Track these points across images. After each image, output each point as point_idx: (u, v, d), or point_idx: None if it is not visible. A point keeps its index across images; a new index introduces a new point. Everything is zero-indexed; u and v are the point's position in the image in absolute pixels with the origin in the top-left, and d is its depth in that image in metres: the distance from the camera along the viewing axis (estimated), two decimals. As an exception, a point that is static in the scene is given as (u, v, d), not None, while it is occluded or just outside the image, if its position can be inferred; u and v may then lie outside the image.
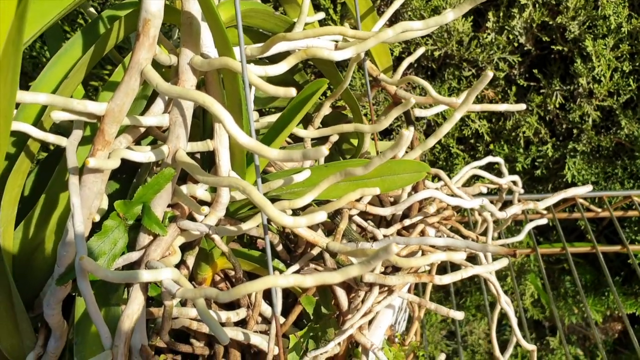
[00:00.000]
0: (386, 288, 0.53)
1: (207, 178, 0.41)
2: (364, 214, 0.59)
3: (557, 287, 1.31)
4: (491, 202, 0.66)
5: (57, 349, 0.46)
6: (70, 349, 0.47)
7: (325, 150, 0.35)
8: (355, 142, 0.68)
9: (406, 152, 0.55)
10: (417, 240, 0.47)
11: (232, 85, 0.42)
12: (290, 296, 0.61)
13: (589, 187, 0.58)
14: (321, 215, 0.39)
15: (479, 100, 1.03)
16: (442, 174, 0.61)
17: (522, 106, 0.59)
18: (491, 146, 1.07)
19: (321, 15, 0.62)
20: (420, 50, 0.63)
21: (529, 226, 0.66)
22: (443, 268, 0.93)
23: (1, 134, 0.33)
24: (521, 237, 0.63)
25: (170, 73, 0.45)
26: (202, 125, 0.51)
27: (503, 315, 1.36)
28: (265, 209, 0.37)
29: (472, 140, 1.07)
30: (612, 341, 1.39)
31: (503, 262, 0.51)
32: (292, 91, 0.38)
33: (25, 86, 0.43)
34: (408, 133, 0.38)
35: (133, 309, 0.39)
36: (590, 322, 0.83)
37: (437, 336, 1.44)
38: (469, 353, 1.43)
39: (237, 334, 0.51)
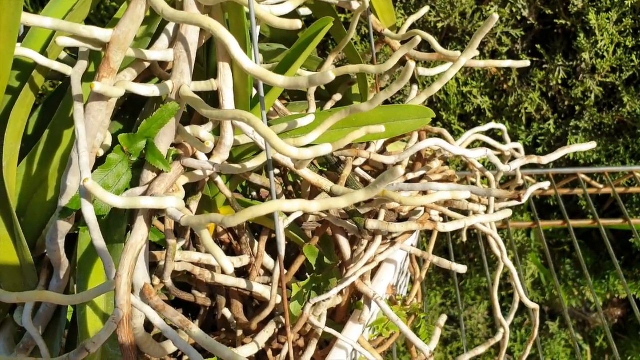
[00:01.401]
0: (389, 239, 0.53)
1: (212, 111, 0.40)
2: (367, 173, 0.59)
3: (557, 270, 1.31)
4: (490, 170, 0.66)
5: (59, 288, 0.45)
6: (72, 289, 0.47)
7: (332, 74, 0.35)
8: (358, 103, 0.68)
9: (411, 99, 0.55)
10: (421, 186, 0.47)
11: (237, 20, 0.42)
12: (293, 251, 0.60)
13: (592, 144, 0.58)
14: (326, 147, 0.39)
15: (482, 76, 1.02)
16: (445, 132, 0.61)
17: (527, 62, 0.59)
18: (493, 123, 1.06)
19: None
20: (425, 9, 0.63)
21: (531, 189, 0.65)
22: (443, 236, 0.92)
23: (7, 50, 0.33)
24: (525, 198, 0.63)
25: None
26: (206, 71, 0.51)
27: (502, 299, 1.36)
28: (271, 139, 0.37)
29: (473, 117, 1.07)
30: (611, 326, 1.39)
31: (507, 213, 0.51)
32: (297, 23, 0.38)
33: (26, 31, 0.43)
34: (413, 63, 0.38)
35: (137, 239, 0.39)
36: (596, 300, 0.82)
37: (437, 319, 1.44)
38: (468, 337, 1.43)
39: (239, 282, 0.51)
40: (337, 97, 0.63)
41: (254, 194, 0.63)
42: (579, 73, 0.99)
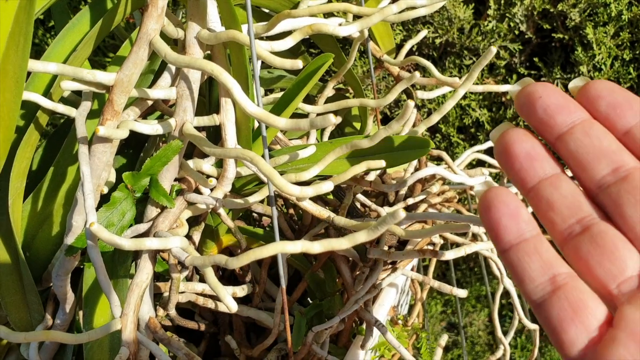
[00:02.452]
0: (390, 265, 0.54)
1: (215, 149, 0.41)
2: (367, 197, 0.60)
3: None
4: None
5: (65, 321, 0.46)
6: (78, 322, 0.48)
7: (332, 117, 0.36)
8: (358, 125, 0.69)
9: (410, 129, 0.56)
10: (422, 215, 0.48)
11: (239, 58, 0.43)
12: (296, 276, 0.61)
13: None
14: (327, 185, 0.40)
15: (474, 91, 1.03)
16: (445, 155, 0.61)
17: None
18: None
19: (324, -3, 0.63)
20: (423, 33, 0.64)
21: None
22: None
23: (13, 100, 0.33)
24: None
25: (177, 48, 0.45)
26: (208, 104, 0.51)
27: (503, 307, 1.36)
28: (273, 178, 0.37)
29: (472, 129, 1.08)
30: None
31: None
32: (298, 62, 0.39)
33: (28, 74, 0.43)
34: (412, 102, 0.38)
35: (142, 278, 0.40)
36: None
37: (438, 327, 1.45)
38: (469, 344, 1.44)
39: (242, 309, 0.52)
40: (337, 120, 0.63)
41: (255, 215, 0.64)
42: (577, 85, 0.99)
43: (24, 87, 0.34)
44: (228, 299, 0.37)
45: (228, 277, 0.59)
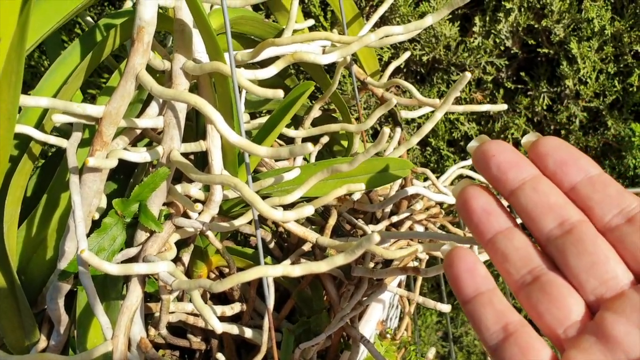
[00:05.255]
0: (375, 282, 0.55)
1: (200, 176, 0.43)
2: (355, 214, 0.61)
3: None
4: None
5: (60, 343, 0.48)
6: (72, 343, 0.49)
7: (310, 146, 0.38)
8: (345, 144, 0.71)
9: (393, 150, 0.57)
10: (402, 234, 0.49)
11: (223, 88, 0.45)
12: (283, 293, 0.63)
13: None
14: (309, 209, 0.42)
15: (468, 102, 1.05)
16: (429, 172, 0.63)
17: (504, 106, 0.61)
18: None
19: (311, 22, 0.65)
20: (406, 55, 0.66)
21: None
22: (434, 265, 0.95)
23: (6, 135, 0.35)
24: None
25: (164, 78, 0.47)
26: (196, 128, 0.53)
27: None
28: (256, 204, 0.39)
29: (462, 143, 1.10)
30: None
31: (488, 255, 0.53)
32: (279, 92, 0.41)
33: (25, 94, 0.45)
34: (387, 130, 0.40)
35: (132, 301, 0.41)
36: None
37: (433, 337, 1.46)
38: (464, 354, 1.45)
39: (232, 327, 0.53)
40: (325, 139, 0.65)
41: (241, 236, 0.65)
42: (563, 99, 1.01)
43: (16, 122, 0.36)
44: (214, 320, 0.39)
45: (218, 295, 0.60)
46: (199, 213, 0.48)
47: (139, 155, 0.43)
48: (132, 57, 0.40)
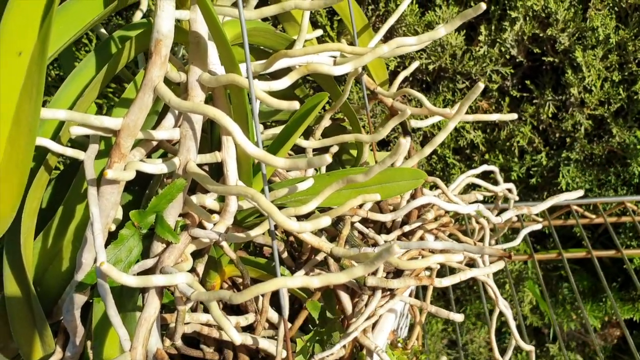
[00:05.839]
0: (388, 292, 0.55)
1: (217, 187, 0.43)
2: (365, 223, 0.62)
3: (555, 294, 1.33)
4: (488, 210, 0.68)
5: (75, 354, 0.48)
6: (87, 354, 0.49)
7: (329, 158, 0.38)
8: (354, 153, 0.71)
9: (404, 160, 0.58)
10: (417, 245, 0.50)
11: (239, 99, 0.45)
12: (296, 303, 0.63)
13: (580, 192, 0.60)
14: (325, 220, 0.42)
15: (473, 111, 1.05)
16: (439, 182, 0.63)
17: (514, 115, 0.61)
18: (486, 156, 1.09)
19: (319, 32, 0.65)
20: (415, 64, 0.66)
21: (524, 232, 0.68)
22: (442, 275, 0.95)
23: (27, 148, 0.35)
24: (517, 242, 0.66)
25: (179, 90, 0.47)
26: (210, 139, 0.53)
27: (503, 323, 1.38)
28: (273, 214, 0.39)
29: (467, 151, 1.10)
30: (611, 347, 1.41)
31: (499, 265, 0.53)
32: (295, 104, 0.41)
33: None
34: (405, 141, 0.40)
35: (150, 313, 0.41)
36: (589, 328, 0.85)
37: (439, 345, 1.46)
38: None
39: (246, 338, 0.53)
40: (334, 149, 0.65)
41: (253, 246, 0.65)
42: (569, 107, 1.02)
43: (37, 134, 0.36)
44: (232, 331, 0.39)
45: (231, 306, 0.60)
46: (214, 224, 0.48)
47: (156, 166, 0.44)
48: (150, 69, 0.41)
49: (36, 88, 0.35)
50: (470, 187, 0.99)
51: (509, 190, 0.75)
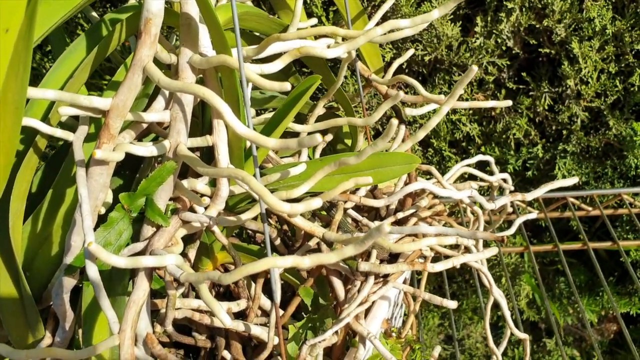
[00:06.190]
0: (382, 279, 0.55)
1: (208, 169, 0.43)
2: (359, 212, 0.61)
3: (551, 288, 1.33)
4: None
5: (65, 339, 0.47)
6: (77, 342, 0.49)
7: (319, 137, 0.37)
8: (349, 142, 0.71)
9: (399, 145, 0.57)
10: (410, 229, 0.49)
11: (230, 81, 0.45)
12: (289, 290, 0.62)
13: (575, 179, 0.60)
14: (317, 202, 0.41)
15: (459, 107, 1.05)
16: (433, 169, 0.63)
17: (509, 102, 0.61)
18: (482, 148, 1.09)
19: (314, 21, 0.65)
20: (410, 52, 0.66)
21: (518, 220, 0.68)
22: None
23: (13, 127, 0.35)
24: (512, 231, 0.65)
25: (170, 73, 0.47)
26: (202, 124, 0.53)
27: (499, 318, 1.37)
28: (264, 196, 0.39)
29: (463, 143, 1.10)
30: (607, 341, 1.41)
31: (493, 250, 0.53)
32: (286, 85, 0.40)
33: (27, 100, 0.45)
34: (396, 122, 0.40)
35: (138, 295, 0.41)
36: (585, 322, 0.84)
37: (435, 340, 1.45)
38: (466, 356, 1.45)
39: (237, 324, 0.53)
40: (328, 137, 0.65)
41: (250, 231, 0.65)
42: (565, 99, 1.01)
43: (23, 113, 0.36)
44: (222, 314, 0.38)
45: (223, 293, 0.60)
46: (206, 208, 0.47)
47: (146, 149, 0.43)
48: (139, 49, 0.40)
49: (23, 65, 0.35)
50: (466, 179, 0.99)
51: (504, 181, 0.75)
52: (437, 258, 0.93)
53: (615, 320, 1.40)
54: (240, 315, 0.56)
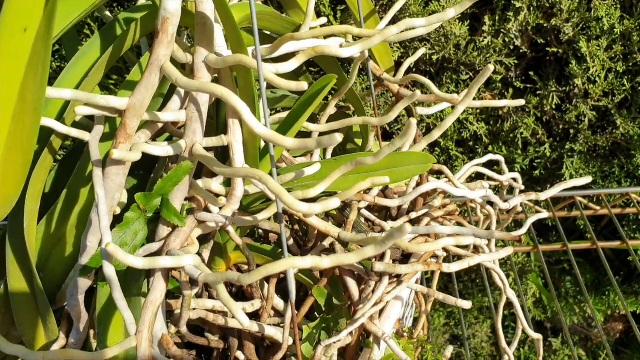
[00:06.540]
0: (395, 279, 0.55)
1: (224, 169, 0.42)
2: (370, 211, 0.61)
3: (557, 287, 1.33)
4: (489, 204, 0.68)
5: (79, 340, 0.47)
6: (89, 345, 0.49)
7: (339, 137, 0.37)
8: (359, 142, 0.70)
9: (411, 145, 0.57)
10: (425, 229, 0.49)
11: (246, 81, 0.44)
12: (302, 291, 0.62)
13: (588, 179, 0.60)
14: (335, 202, 0.41)
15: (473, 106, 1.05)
16: (446, 169, 0.63)
17: (522, 101, 0.61)
18: (490, 148, 1.09)
19: (324, 20, 0.64)
20: (421, 51, 0.66)
21: (530, 220, 0.67)
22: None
23: (32, 126, 0.35)
24: (523, 230, 0.65)
25: (184, 73, 0.46)
26: (216, 125, 0.53)
27: (504, 318, 1.37)
28: (282, 196, 0.39)
29: (470, 143, 1.09)
30: (613, 341, 1.41)
31: (508, 250, 0.53)
32: (304, 84, 0.40)
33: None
34: (415, 120, 0.40)
35: (156, 296, 0.41)
36: (596, 321, 0.84)
37: (440, 340, 1.45)
38: (472, 356, 1.44)
39: (252, 325, 0.53)
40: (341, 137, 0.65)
41: (261, 232, 0.65)
42: (572, 98, 1.01)
43: (42, 113, 0.36)
44: (240, 314, 0.38)
45: (236, 293, 0.60)
46: (221, 208, 0.47)
47: (162, 149, 0.43)
48: (156, 48, 0.40)
49: (42, 65, 0.35)
50: (475, 179, 0.98)
51: (514, 180, 0.75)
52: (446, 258, 0.93)
53: (621, 319, 1.40)
54: (253, 316, 0.56)
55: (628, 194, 0.98)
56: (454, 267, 0.51)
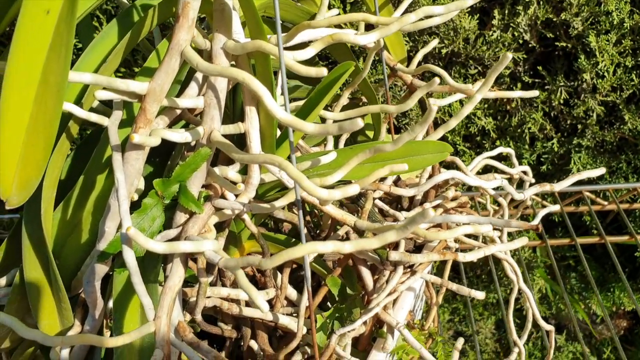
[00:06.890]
0: (409, 269, 0.55)
1: (243, 156, 0.42)
2: (382, 203, 0.61)
3: (563, 284, 1.33)
4: (501, 196, 0.68)
5: (95, 328, 0.47)
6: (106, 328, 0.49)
7: (360, 122, 0.37)
8: (370, 134, 0.70)
9: (424, 136, 0.57)
10: (442, 218, 0.49)
11: (264, 67, 0.44)
12: (314, 280, 0.62)
13: (602, 170, 0.60)
14: (354, 188, 0.41)
15: (485, 99, 1.05)
16: (458, 160, 0.63)
17: (535, 92, 0.61)
18: (497, 143, 1.09)
19: (335, 11, 0.64)
20: (434, 42, 0.65)
21: (542, 212, 0.67)
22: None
23: (55, 107, 0.35)
24: (536, 221, 0.65)
25: (203, 59, 0.46)
26: (232, 113, 0.53)
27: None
28: (301, 181, 0.39)
29: (478, 138, 1.09)
30: (617, 338, 1.41)
31: (523, 240, 0.53)
32: (323, 70, 0.40)
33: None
34: (435, 107, 0.40)
35: (174, 281, 0.41)
36: (605, 314, 0.84)
37: (445, 335, 1.45)
38: (476, 352, 1.44)
39: (266, 314, 0.53)
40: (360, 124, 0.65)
41: (272, 223, 0.65)
42: (580, 93, 1.01)
43: (64, 95, 0.35)
44: (260, 300, 0.38)
45: (250, 281, 0.59)
46: (236, 196, 0.47)
47: (180, 135, 0.43)
48: (177, 33, 0.40)
49: (65, 47, 0.35)
50: (484, 172, 0.98)
51: (525, 173, 0.75)
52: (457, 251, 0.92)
53: (625, 316, 1.40)
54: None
55: (635, 189, 0.98)
56: (469, 257, 0.51)
